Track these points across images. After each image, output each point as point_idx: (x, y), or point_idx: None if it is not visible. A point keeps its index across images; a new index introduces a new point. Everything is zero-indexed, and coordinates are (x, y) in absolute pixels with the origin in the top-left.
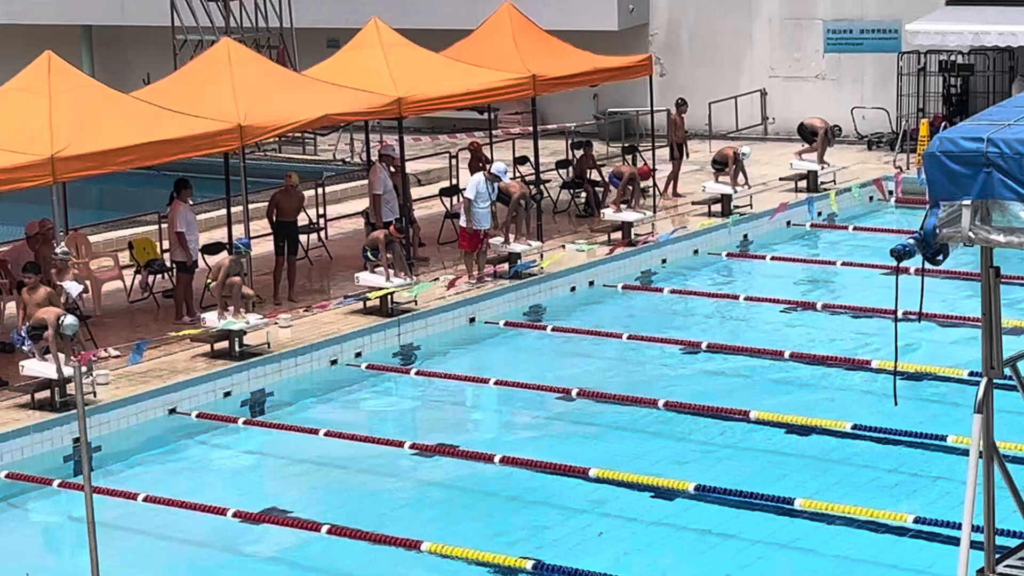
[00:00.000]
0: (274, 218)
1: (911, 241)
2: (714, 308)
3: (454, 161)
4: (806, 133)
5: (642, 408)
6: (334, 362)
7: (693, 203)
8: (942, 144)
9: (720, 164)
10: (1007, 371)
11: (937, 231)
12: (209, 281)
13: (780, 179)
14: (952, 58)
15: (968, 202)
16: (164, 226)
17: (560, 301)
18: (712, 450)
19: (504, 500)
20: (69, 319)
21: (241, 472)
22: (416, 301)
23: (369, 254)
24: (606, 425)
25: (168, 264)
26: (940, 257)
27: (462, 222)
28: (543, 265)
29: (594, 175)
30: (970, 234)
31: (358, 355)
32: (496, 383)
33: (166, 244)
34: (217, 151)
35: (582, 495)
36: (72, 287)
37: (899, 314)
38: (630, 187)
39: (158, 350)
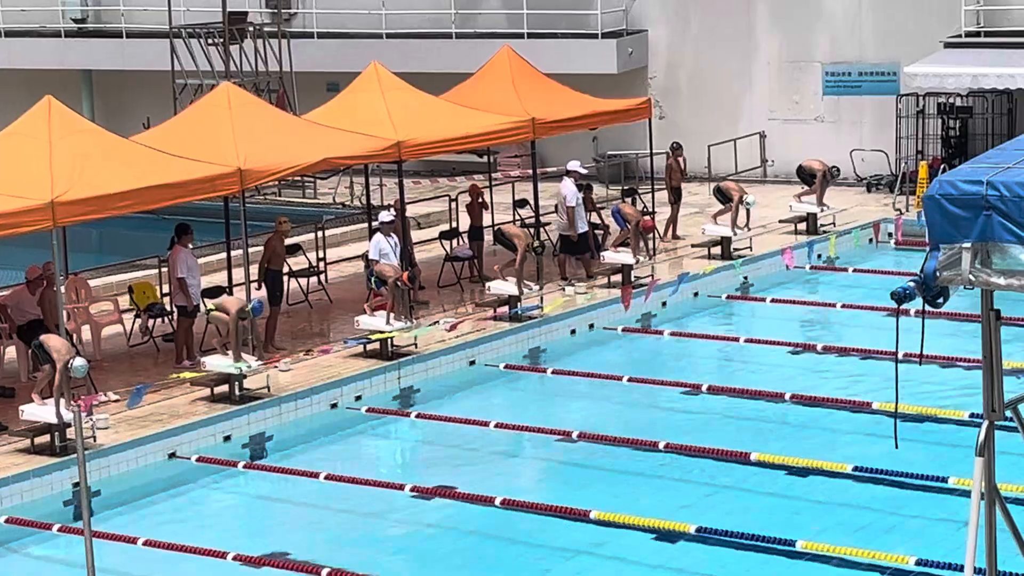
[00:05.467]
0: (266, 265)
1: (911, 284)
2: (715, 350)
3: (454, 204)
4: (805, 175)
5: (643, 450)
6: (334, 405)
7: (693, 245)
8: (942, 187)
9: (723, 196)
10: (1008, 413)
11: (937, 274)
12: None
13: (780, 221)
14: (951, 100)
15: (968, 245)
16: (164, 270)
17: (560, 344)
18: (713, 492)
19: (505, 543)
20: (78, 361)
21: (241, 516)
22: (416, 344)
23: (374, 283)
24: (607, 467)
25: (169, 308)
26: (940, 300)
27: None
28: (545, 310)
29: (594, 218)
30: (970, 277)
31: (358, 398)
32: (496, 426)
33: (166, 288)
34: (217, 195)
35: (584, 537)
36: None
37: (900, 356)
38: (634, 233)
39: (158, 394)
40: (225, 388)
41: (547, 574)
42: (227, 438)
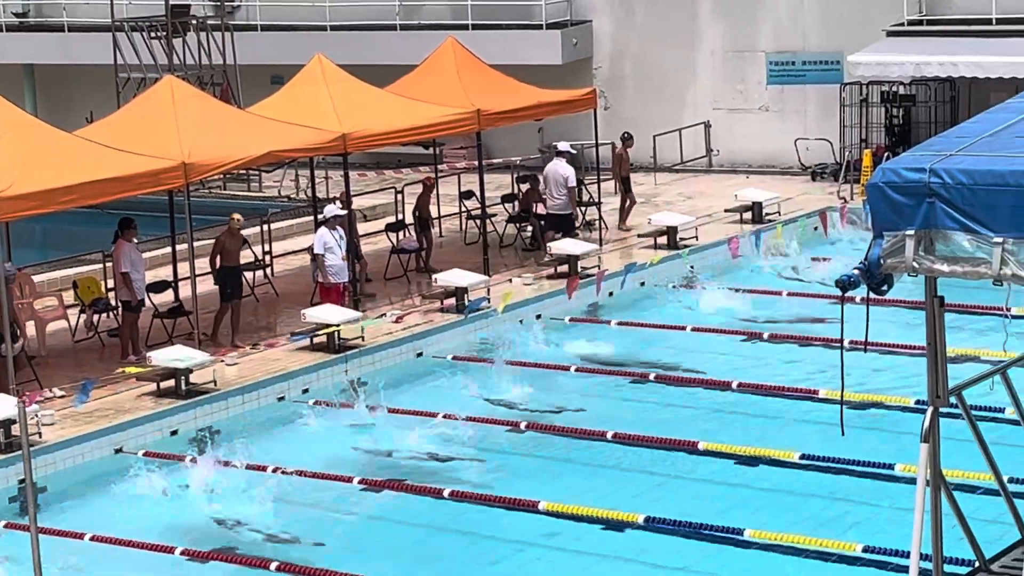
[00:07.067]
0: (217, 262)
1: (856, 271)
2: (662, 340)
3: (400, 196)
4: None
5: (591, 440)
6: (281, 399)
7: (639, 236)
8: (885, 175)
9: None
10: (953, 399)
11: (881, 261)
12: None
13: (725, 211)
14: (894, 89)
15: (912, 232)
16: (109, 265)
17: (508, 335)
18: (662, 482)
19: (454, 535)
20: None
21: (189, 510)
22: (363, 337)
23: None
24: (556, 458)
25: (113, 303)
26: (885, 287)
27: (318, 278)
28: (499, 308)
29: (540, 209)
30: (914, 264)
31: (305, 391)
32: (444, 417)
33: (111, 283)
34: (161, 189)
35: (533, 528)
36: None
37: (845, 344)
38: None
39: (104, 389)
40: (171, 383)
41: (496, 566)
42: (174, 433)
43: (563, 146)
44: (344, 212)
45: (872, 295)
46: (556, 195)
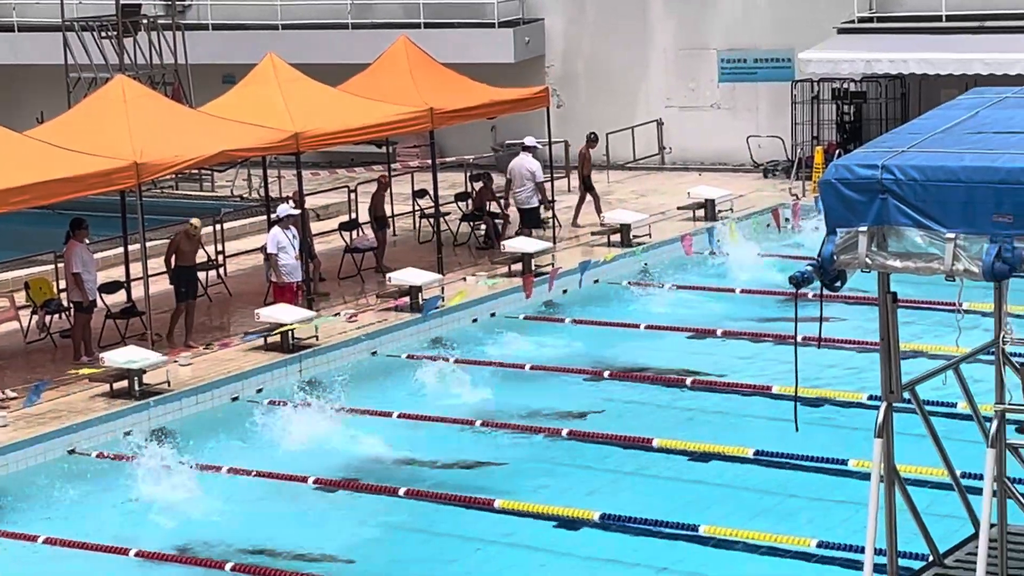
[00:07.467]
0: (172, 262)
1: (809, 268)
2: (616, 337)
3: (353, 195)
4: None
5: (546, 437)
6: (235, 399)
7: (593, 233)
8: (837, 171)
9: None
10: (906, 395)
11: (834, 258)
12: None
13: (678, 208)
14: (845, 86)
15: (864, 228)
16: (60, 266)
17: (462, 333)
18: (616, 479)
19: (410, 533)
20: None
21: (143, 512)
22: (318, 336)
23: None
24: (510, 456)
25: (65, 304)
26: (838, 283)
27: (272, 277)
28: (453, 302)
29: (494, 207)
30: (867, 260)
31: (259, 391)
32: (399, 416)
33: (63, 284)
34: (113, 189)
35: (488, 526)
36: None
37: (798, 339)
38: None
39: (56, 391)
40: (125, 384)
41: (453, 564)
42: (127, 433)
43: (529, 141)
44: (297, 211)
45: (826, 291)
46: (520, 189)
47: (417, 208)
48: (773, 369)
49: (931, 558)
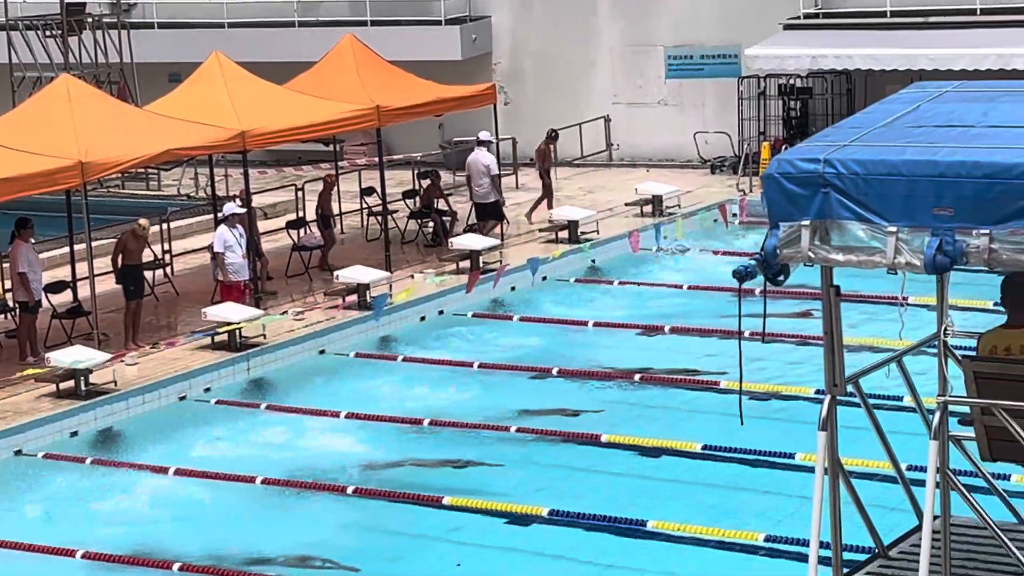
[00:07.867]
0: (119, 262)
1: (753, 262)
2: (564, 334)
3: (300, 193)
4: None
5: (495, 434)
6: (183, 398)
7: (540, 230)
8: (780, 166)
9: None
10: (850, 388)
11: (777, 252)
12: None
13: (626, 204)
14: (791, 82)
15: (807, 222)
16: (6, 266)
17: (410, 331)
18: (566, 475)
19: (359, 531)
20: None
21: (90, 513)
22: (265, 335)
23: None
24: (459, 454)
25: (11, 304)
26: (782, 277)
27: (219, 276)
28: (399, 299)
29: (441, 204)
30: (810, 254)
31: (207, 390)
32: (347, 415)
33: (8, 283)
34: (58, 189)
35: (437, 523)
36: None
37: (743, 334)
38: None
39: (2, 391)
40: (71, 384)
41: (399, 561)
42: (74, 434)
43: (484, 135)
44: (244, 210)
45: (769, 285)
46: (479, 184)
47: (365, 206)
48: (721, 364)
49: (876, 550)
